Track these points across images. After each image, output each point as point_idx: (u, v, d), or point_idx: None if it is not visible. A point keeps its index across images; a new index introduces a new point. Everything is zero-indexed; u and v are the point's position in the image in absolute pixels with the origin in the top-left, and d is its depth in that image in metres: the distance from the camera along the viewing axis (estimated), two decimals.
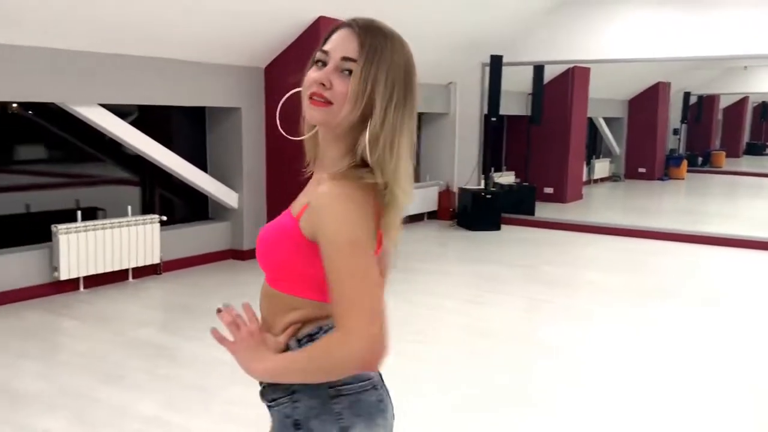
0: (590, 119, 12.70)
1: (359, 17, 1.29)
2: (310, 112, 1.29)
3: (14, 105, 5.78)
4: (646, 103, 13.54)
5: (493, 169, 9.78)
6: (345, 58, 1.25)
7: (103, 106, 5.69)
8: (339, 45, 1.27)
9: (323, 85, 1.26)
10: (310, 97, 1.27)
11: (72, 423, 3.35)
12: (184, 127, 7.22)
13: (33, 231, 5.67)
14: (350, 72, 1.25)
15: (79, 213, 5.69)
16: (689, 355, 4.48)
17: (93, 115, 5.60)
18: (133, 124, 6.07)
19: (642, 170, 14.02)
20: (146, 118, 6.52)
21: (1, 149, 5.85)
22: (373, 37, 1.26)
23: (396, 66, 1.26)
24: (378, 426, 1.33)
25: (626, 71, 11.42)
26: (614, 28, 8.86)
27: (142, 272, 6.13)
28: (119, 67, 5.70)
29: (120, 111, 5.98)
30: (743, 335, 4.94)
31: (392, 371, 1.56)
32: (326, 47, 1.28)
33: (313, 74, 1.28)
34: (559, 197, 11.12)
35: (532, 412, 3.57)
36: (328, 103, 1.26)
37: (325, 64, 1.27)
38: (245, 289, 2.82)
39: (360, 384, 1.31)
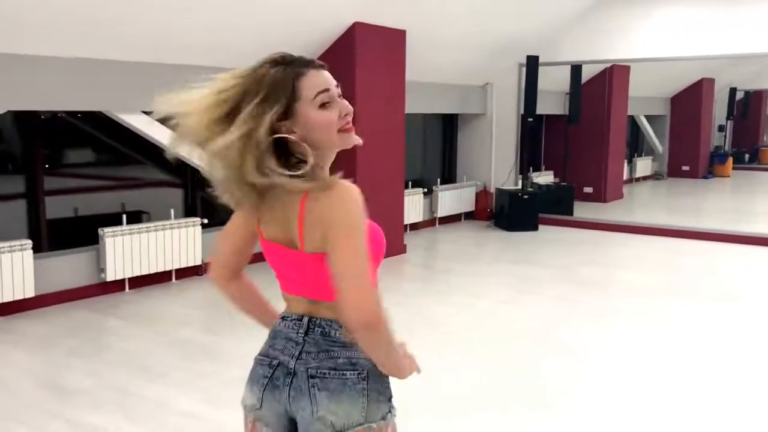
0: (632, 117, 12.55)
1: (303, 57, 1.50)
2: (353, 137, 1.50)
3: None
4: (690, 100, 13.28)
5: (531, 168, 9.76)
6: (337, 85, 1.51)
7: (146, 112, 5.90)
8: (329, 81, 1.49)
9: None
10: (346, 128, 1.48)
11: (117, 418, 3.51)
12: None
13: (81, 234, 5.90)
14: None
15: (124, 216, 5.91)
16: (715, 359, 4.45)
17: (136, 122, 5.81)
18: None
19: (685, 168, 13.77)
20: None
21: (51, 154, 6.10)
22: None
23: None
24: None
25: (668, 68, 11.23)
26: (652, 26, 8.76)
27: (184, 273, 6.33)
28: (160, 75, 5.88)
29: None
30: None
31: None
32: (326, 87, 1.47)
33: (332, 113, 1.46)
34: (598, 197, 11.02)
35: (547, 411, 3.62)
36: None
37: (329, 103, 1.47)
38: None
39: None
